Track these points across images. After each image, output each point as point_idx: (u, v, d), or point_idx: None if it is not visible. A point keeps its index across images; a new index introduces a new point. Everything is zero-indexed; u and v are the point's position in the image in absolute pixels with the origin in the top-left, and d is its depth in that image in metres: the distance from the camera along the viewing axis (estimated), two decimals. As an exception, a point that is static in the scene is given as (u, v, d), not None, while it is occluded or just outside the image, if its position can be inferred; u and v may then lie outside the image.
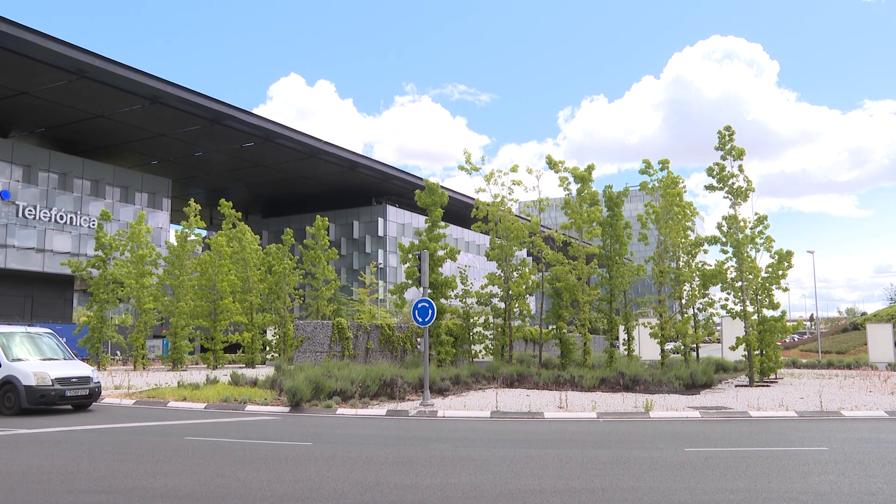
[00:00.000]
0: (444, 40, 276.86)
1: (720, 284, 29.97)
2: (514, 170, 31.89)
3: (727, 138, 29.77)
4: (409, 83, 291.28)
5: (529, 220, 32.59)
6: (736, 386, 28.06)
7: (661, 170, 31.45)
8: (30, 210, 54.47)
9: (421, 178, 57.30)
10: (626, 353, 31.90)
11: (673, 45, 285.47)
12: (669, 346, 33.11)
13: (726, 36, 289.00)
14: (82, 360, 22.99)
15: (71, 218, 56.95)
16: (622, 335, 33.51)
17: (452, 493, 9.12)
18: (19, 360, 19.17)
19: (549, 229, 33.83)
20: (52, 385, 18.60)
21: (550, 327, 32.16)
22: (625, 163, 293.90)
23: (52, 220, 55.81)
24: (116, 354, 50.77)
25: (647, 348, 37.05)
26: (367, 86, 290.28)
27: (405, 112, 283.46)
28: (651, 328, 30.58)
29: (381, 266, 76.00)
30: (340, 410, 19.42)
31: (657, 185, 31.51)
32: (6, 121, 54.48)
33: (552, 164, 31.73)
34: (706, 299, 31.27)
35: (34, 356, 19.75)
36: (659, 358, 30.87)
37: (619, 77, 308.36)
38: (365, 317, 44.29)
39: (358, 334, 34.05)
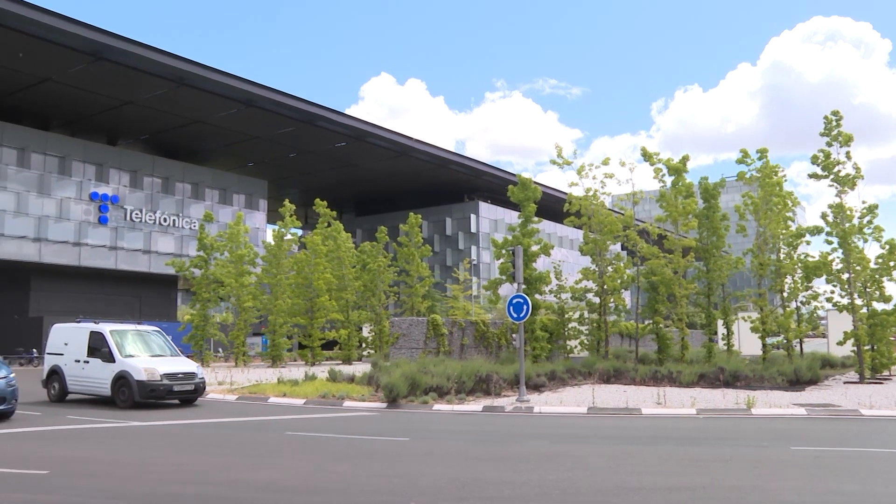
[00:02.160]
0: (534, 35, 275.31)
1: (824, 276, 28.81)
2: (606, 163, 31.46)
3: (834, 123, 28.51)
4: (499, 79, 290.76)
5: (623, 214, 32.06)
6: (844, 383, 26.83)
7: (759, 159, 30.48)
8: (136, 213, 56.71)
9: (513, 174, 57.11)
10: (725, 348, 31.09)
11: (770, 30, 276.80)
12: (771, 340, 32.09)
13: (829, 16, 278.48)
14: (187, 356, 23.75)
15: (174, 220, 59.00)
16: (721, 330, 32.67)
17: (549, 489, 9.05)
18: (131, 356, 19.97)
19: (644, 223, 33.19)
20: (161, 380, 19.29)
21: (646, 322, 31.60)
22: (721, 153, 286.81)
23: (157, 222, 57.94)
24: (219, 351, 52.32)
25: (748, 343, 35.98)
26: (457, 83, 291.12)
27: (496, 108, 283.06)
28: (751, 322, 29.71)
29: (475, 262, 76.05)
30: (436, 406, 19.51)
31: (755, 174, 30.55)
32: (114, 130, 56.85)
33: (646, 157, 31.16)
34: (809, 292, 30.11)
35: (144, 353, 20.53)
36: (760, 353, 29.95)
37: (713, 66, 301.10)
38: (459, 313, 44.47)
39: (453, 330, 34.16)
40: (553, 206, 48.46)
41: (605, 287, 31.04)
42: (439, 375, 21.39)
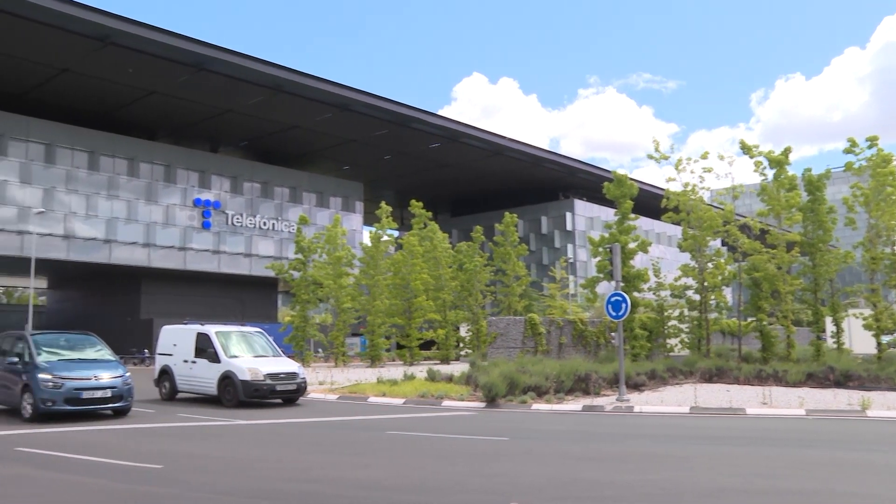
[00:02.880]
0: (628, 30, 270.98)
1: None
2: (704, 157, 30.72)
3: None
4: (592, 75, 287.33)
5: (723, 209, 31.25)
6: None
7: (870, 147, 29.12)
8: (237, 218, 58.41)
9: (608, 171, 56.38)
10: (834, 346, 29.92)
11: (882, 9, 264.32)
12: (886, 338, 30.66)
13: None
14: (288, 356, 24.31)
15: (273, 224, 60.50)
16: (829, 327, 31.46)
17: (651, 489, 8.91)
18: (235, 356, 20.57)
19: (745, 217, 32.26)
20: (264, 380, 19.80)
21: (749, 319, 30.70)
22: (826, 143, 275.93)
23: (257, 226, 59.53)
24: (318, 351, 53.31)
25: (860, 341, 34.48)
26: (550, 80, 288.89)
27: (590, 104, 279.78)
28: (864, 319, 28.48)
29: (571, 260, 75.41)
30: (535, 406, 19.43)
31: (865, 164, 29.26)
32: (215, 137, 58.72)
33: (746, 149, 30.28)
34: (929, 287, 28.67)
35: (248, 353, 21.12)
36: (875, 352, 28.66)
37: (816, 52, 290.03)
38: (556, 312, 44.12)
39: (550, 329, 33.97)
40: (650, 203, 47.63)
41: (706, 284, 30.32)
42: (537, 375, 21.30)
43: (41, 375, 16.44)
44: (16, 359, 17.61)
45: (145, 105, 50.84)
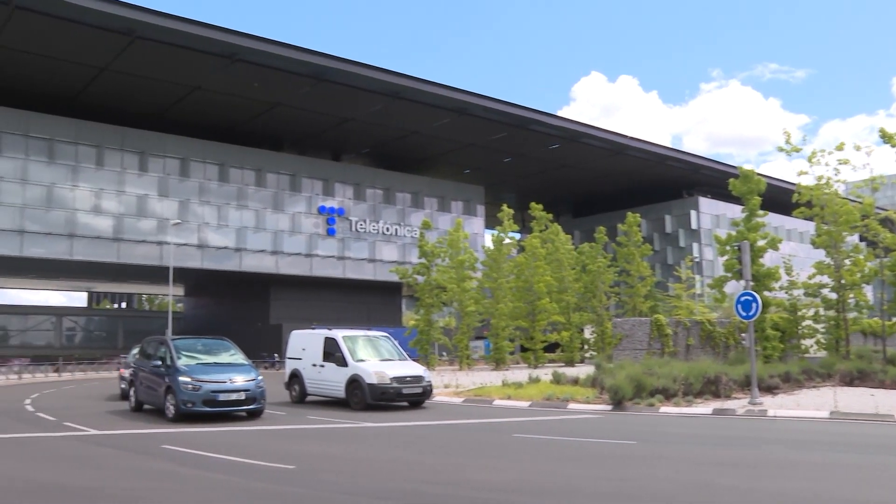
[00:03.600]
0: (751, 20, 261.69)
1: None
2: (839, 148, 29.21)
3: None
4: (715, 69, 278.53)
5: (861, 202, 29.70)
6: None
7: None
8: (361, 224, 59.68)
9: (734, 167, 54.69)
10: None
11: None
12: None
13: None
14: (413, 360, 24.61)
15: (396, 229, 61.51)
16: None
17: (788, 499, 8.52)
18: (362, 360, 20.95)
19: (886, 210, 30.56)
20: (391, 383, 20.08)
21: (894, 319, 29.04)
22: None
23: (380, 232, 60.66)
24: (443, 355, 53.81)
25: None
26: (670, 77, 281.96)
27: (713, 99, 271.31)
28: None
29: (697, 260, 73.46)
30: (663, 409, 18.99)
31: None
32: (337, 146, 60.22)
33: (886, 138, 28.67)
34: None
35: (374, 357, 21.47)
36: None
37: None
38: (683, 312, 43.04)
39: (677, 331, 33.19)
40: (779, 198, 45.95)
41: (843, 282, 28.86)
42: (665, 377, 20.81)
43: (181, 378, 17.24)
44: (159, 362, 18.54)
45: (271, 117, 52.69)
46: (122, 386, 24.71)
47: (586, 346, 49.25)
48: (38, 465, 11.71)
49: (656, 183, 72.67)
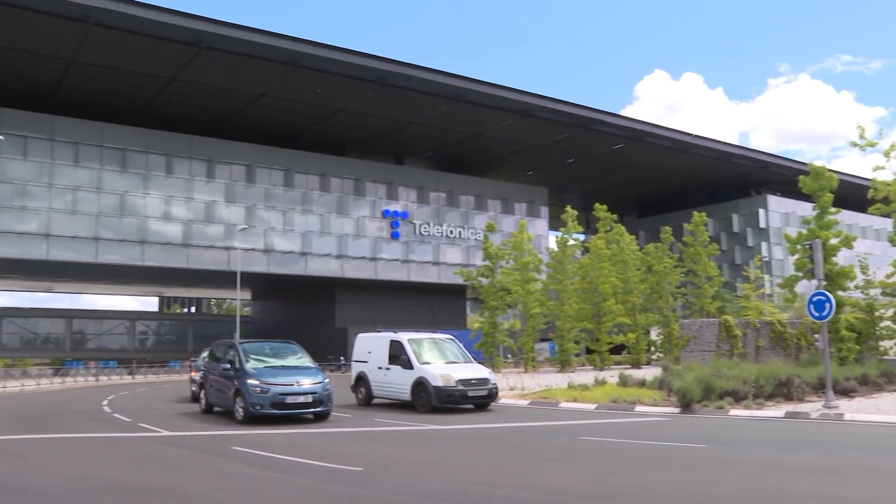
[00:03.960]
0: (821, 11, 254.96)
1: None
2: (918, 141, 28.28)
3: None
4: (782, 63, 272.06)
5: (942, 197, 28.68)
6: None
7: None
8: (425, 227, 59.94)
9: (804, 163, 53.42)
10: None
11: None
12: None
13: None
14: (478, 362, 24.60)
15: (459, 232, 61.60)
16: None
17: None
18: (428, 363, 21.02)
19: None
20: (456, 386, 20.10)
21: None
22: None
23: (444, 235, 60.83)
24: (508, 357, 53.69)
25: None
26: (736, 72, 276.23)
27: (781, 94, 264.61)
28: None
29: (766, 259, 71.91)
30: (733, 412, 18.60)
31: None
32: (400, 150, 60.63)
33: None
34: None
35: (439, 360, 21.52)
36: None
37: None
38: (752, 313, 42.14)
39: (746, 332, 32.52)
40: (852, 195, 44.79)
41: (923, 280, 27.93)
42: (734, 379, 20.41)
43: (250, 381, 17.51)
44: (228, 365, 18.88)
45: (334, 122, 53.29)
46: (193, 388, 25.25)
47: (653, 348, 48.63)
48: (115, 463, 12.05)
49: (723, 181, 71.41)
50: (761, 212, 74.14)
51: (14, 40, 40.50)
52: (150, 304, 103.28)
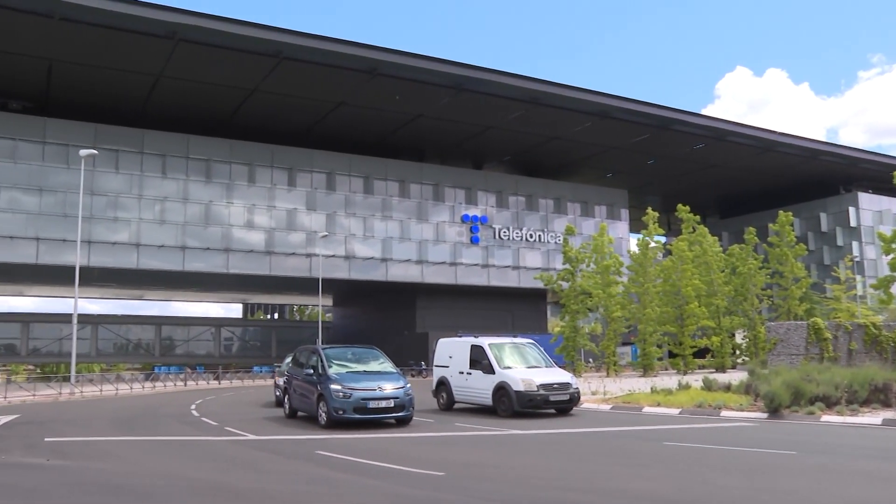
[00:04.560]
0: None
1: None
2: None
3: None
4: (875, 54, 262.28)
5: None
6: None
7: None
8: (504, 231, 59.93)
9: (897, 159, 51.54)
10: None
11: None
12: None
13: None
14: (560, 367, 24.42)
15: (539, 236, 61.37)
16: None
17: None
18: (509, 367, 20.96)
19: None
20: (538, 390, 19.99)
21: None
22: None
23: (523, 239, 60.68)
24: (589, 361, 53.19)
25: None
26: (823, 66, 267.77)
27: (873, 87, 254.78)
28: None
29: (857, 259, 69.51)
30: (825, 418, 18.00)
31: None
32: (479, 155, 60.77)
33: None
34: None
35: (520, 364, 21.44)
36: None
37: None
38: (843, 315, 40.82)
39: (837, 335, 31.47)
40: (951, 191, 42.98)
41: None
42: (825, 383, 19.74)
43: (333, 386, 17.73)
44: (311, 370, 19.15)
45: (412, 129, 53.70)
46: (277, 393, 25.71)
47: (738, 352, 47.56)
48: (204, 465, 12.37)
49: (810, 179, 69.37)
50: (851, 210, 71.74)
51: (106, 59, 42.09)
52: (234, 310, 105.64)
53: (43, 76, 44.13)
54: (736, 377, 27.27)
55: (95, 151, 38.40)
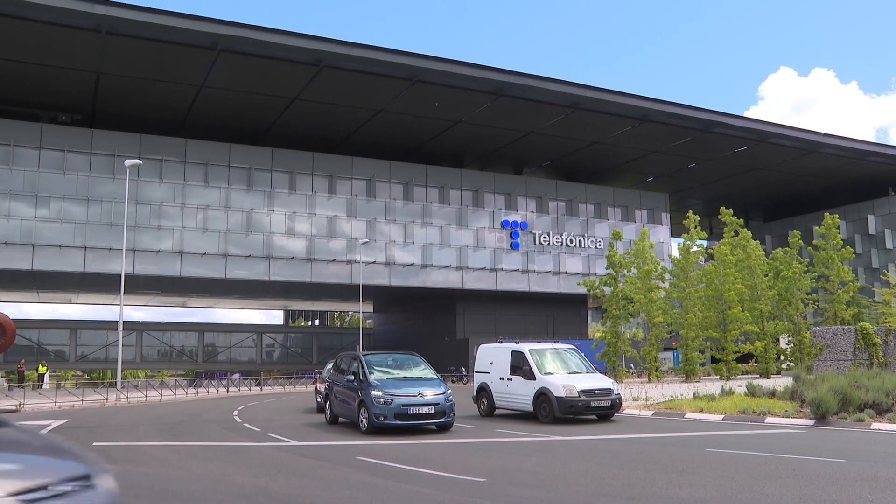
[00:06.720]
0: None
1: None
2: None
3: None
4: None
5: None
6: None
7: None
8: (544, 237, 59.71)
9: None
10: None
11: None
12: None
13: None
14: (601, 373, 24.28)
15: (579, 241, 61.08)
16: None
17: None
18: (550, 373, 20.91)
19: None
20: (579, 396, 19.91)
21: None
22: None
23: (563, 244, 60.41)
24: (631, 367, 52.74)
25: None
26: (872, 64, 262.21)
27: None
28: None
29: (907, 262, 68.11)
30: (875, 425, 17.60)
31: None
32: (519, 160, 60.66)
33: None
34: None
35: (561, 370, 21.37)
36: None
37: None
38: (893, 320, 40.03)
39: (887, 339, 30.83)
40: None
41: None
42: (875, 390, 19.33)
43: (374, 392, 17.81)
44: (352, 377, 19.27)
45: (452, 135, 53.74)
46: (318, 400, 25.89)
47: (782, 357, 46.82)
48: (247, 471, 12.47)
49: (857, 181, 68.09)
50: (901, 212, 70.29)
51: (151, 71, 42.80)
52: (275, 317, 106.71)
53: (90, 89, 44.99)
54: (781, 383, 26.88)
55: (140, 161, 39.07)
